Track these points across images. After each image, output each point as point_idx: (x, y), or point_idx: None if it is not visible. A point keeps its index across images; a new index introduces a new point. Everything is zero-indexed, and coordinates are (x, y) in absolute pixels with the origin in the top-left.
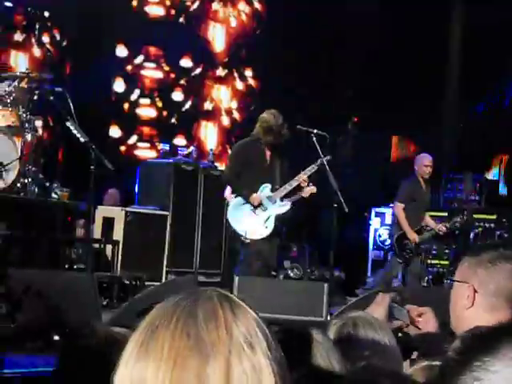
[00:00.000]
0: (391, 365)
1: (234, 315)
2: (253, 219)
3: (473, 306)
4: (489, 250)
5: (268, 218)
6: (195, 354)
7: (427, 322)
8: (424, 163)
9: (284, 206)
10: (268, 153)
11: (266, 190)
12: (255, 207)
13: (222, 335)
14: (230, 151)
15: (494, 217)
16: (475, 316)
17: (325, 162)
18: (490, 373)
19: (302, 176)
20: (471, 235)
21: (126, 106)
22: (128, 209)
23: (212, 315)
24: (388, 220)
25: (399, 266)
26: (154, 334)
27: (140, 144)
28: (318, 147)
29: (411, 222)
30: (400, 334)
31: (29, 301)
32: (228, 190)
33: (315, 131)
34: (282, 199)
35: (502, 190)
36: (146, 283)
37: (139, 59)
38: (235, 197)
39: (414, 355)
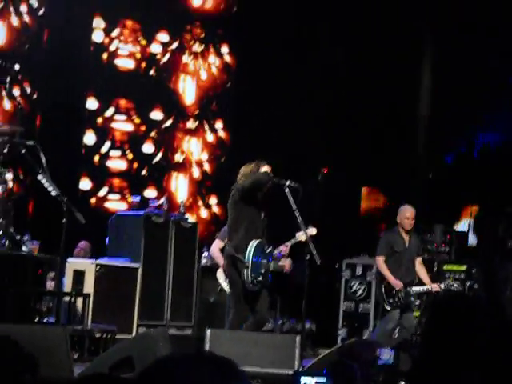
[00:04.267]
0: None
1: None
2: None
3: None
4: None
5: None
6: None
7: None
8: (405, 215)
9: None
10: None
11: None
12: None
13: None
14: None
15: (464, 268)
16: None
17: (297, 214)
18: None
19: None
20: None
21: (97, 158)
22: (98, 261)
23: None
24: (359, 271)
25: (397, 318)
26: None
27: (110, 196)
28: (291, 199)
29: (397, 275)
30: None
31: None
32: (216, 247)
33: (287, 183)
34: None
35: (471, 241)
36: (117, 336)
37: (110, 111)
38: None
39: None
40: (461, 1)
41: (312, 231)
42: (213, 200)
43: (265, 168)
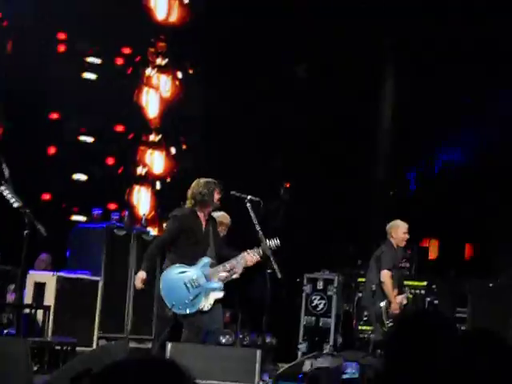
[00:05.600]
0: None
1: None
2: (183, 293)
3: None
4: None
5: (197, 295)
6: None
7: None
8: (403, 231)
9: (217, 292)
10: (203, 221)
11: (205, 265)
12: (188, 282)
13: None
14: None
15: (425, 283)
16: None
17: (258, 228)
18: None
19: (246, 257)
20: None
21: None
22: (59, 274)
23: None
24: (320, 286)
25: None
26: None
27: (73, 208)
28: (252, 213)
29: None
30: None
31: None
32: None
33: (249, 197)
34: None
35: (432, 256)
36: (77, 348)
37: (74, 124)
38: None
39: None
40: (423, 17)
41: (274, 243)
42: None
43: (216, 196)
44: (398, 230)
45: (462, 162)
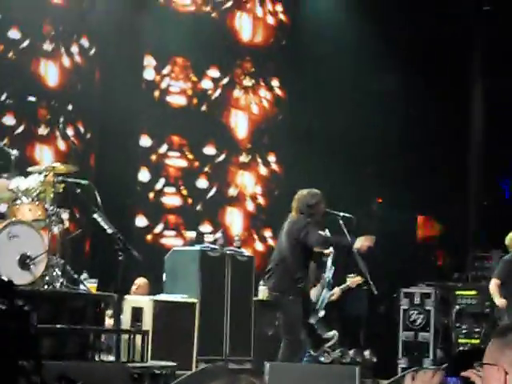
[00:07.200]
0: None
1: None
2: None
3: None
4: None
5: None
6: None
7: None
8: None
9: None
10: None
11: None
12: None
13: None
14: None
15: None
16: None
17: (355, 251)
18: None
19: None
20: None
21: (152, 195)
22: (156, 298)
23: None
24: (417, 300)
25: None
26: None
27: (166, 232)
28: (345, 230)
29: None
30: None
31: None
32: None
33: (341, 214)
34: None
35: None
36: (177, 372)
37: (163, 148)
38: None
39: None
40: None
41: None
42: (267, 233)
43: (322, 206)
44: None
45: None
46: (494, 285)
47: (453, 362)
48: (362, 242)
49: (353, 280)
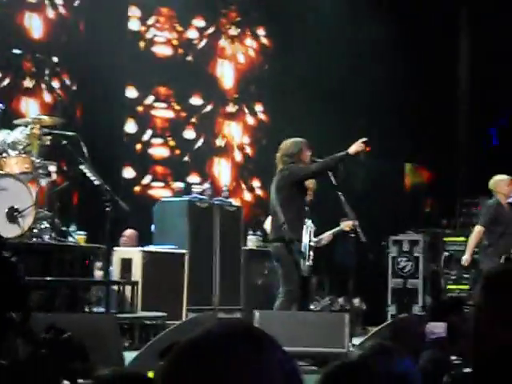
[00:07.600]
0: None
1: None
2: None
3: None
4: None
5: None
6: None
7: None
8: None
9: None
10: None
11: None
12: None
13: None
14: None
15: None
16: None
17: (339, 194)
18: None
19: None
20: None
21: (139, 146)
22: (145, 249)
23: None
24: (405, 247)
25: None
26: None
27: (154, 183)
28: (333, 179)
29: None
30: None
31: (53, 338)
32: None
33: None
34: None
35: None
36: (167, 322)
37: (150, 99)
38: None
39: None
40: None
41: (350, 223)
42: (256, 183)
43: (308, 152)
44: (503, 184)
45: None
46: (475, 233)
47: (441, 307)
48: (356, 147)
49: (346, 223)
